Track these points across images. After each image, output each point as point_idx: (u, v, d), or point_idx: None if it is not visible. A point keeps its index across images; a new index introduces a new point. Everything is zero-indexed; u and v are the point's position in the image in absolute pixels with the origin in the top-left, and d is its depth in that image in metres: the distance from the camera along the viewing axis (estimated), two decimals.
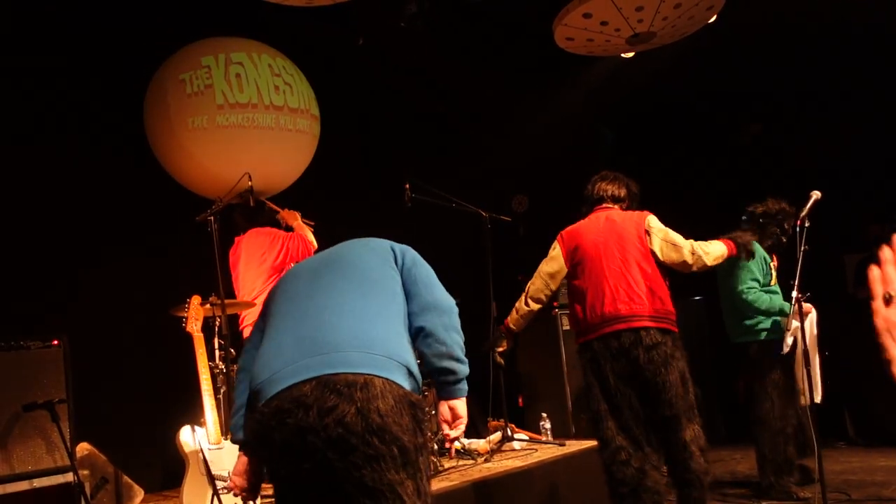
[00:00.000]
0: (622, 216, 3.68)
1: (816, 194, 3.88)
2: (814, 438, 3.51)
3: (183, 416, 3.50)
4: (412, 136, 6.77)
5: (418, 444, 1.85)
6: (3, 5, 4.32)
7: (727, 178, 7.34)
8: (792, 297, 3.90)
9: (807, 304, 4.26)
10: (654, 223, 3.59)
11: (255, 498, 2.18)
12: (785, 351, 4.14)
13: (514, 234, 6.36)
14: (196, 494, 3.11)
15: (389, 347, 1.92)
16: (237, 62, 4.73)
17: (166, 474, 4.41)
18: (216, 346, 3.89)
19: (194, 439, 3.21)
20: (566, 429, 5.51)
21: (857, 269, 6.62)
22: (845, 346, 5.57)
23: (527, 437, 4.99)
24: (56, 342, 3.42)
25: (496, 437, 4.80)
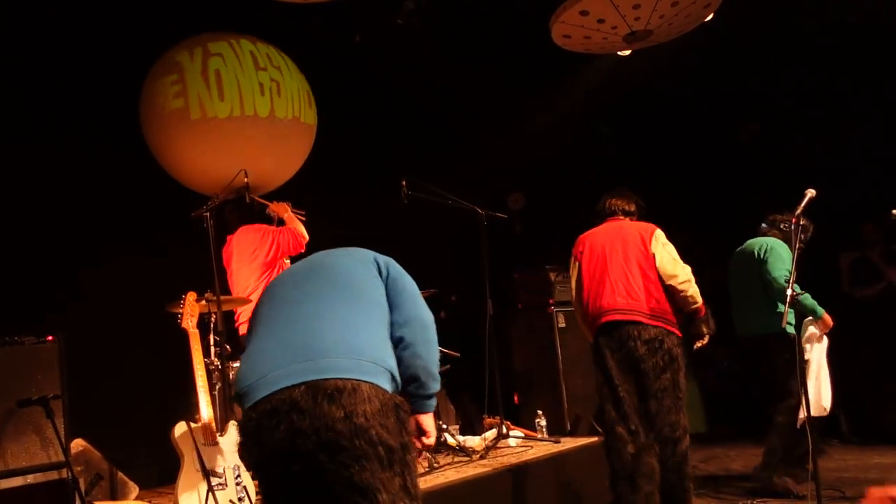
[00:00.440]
0: (630, 224, 4.00)
1: (811, 192, 3.88)
2: (809, 437, 3.52)
3: (178, 413, 3.49)
4: (410, 134, 6.75)
5: (404, 443, 1.94)
6: (3, 5, 4.32)
7: (725, 177, 7.34)
8: (787, 297, 3.89)
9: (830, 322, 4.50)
10: (662, 235, 3.87)
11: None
12: (806, 356, 4.30)
13: (510, 232, 6.36)
14: (191, 490, 3.11)
15: (375, 353, 2.01)
16: (216, 53, 4.57)
17: (161, 470, 4.40)
18: (211, 342, 3.89)
19: (189, 435, 3.21)
20: (561, 426, 5.51)
21: (853, 267, 6.62)
22: (839, 344, 5.58)
23: (522, 435, 5.00)
24: (51, 338, 3.41)
25: (492, 434, 4.80)
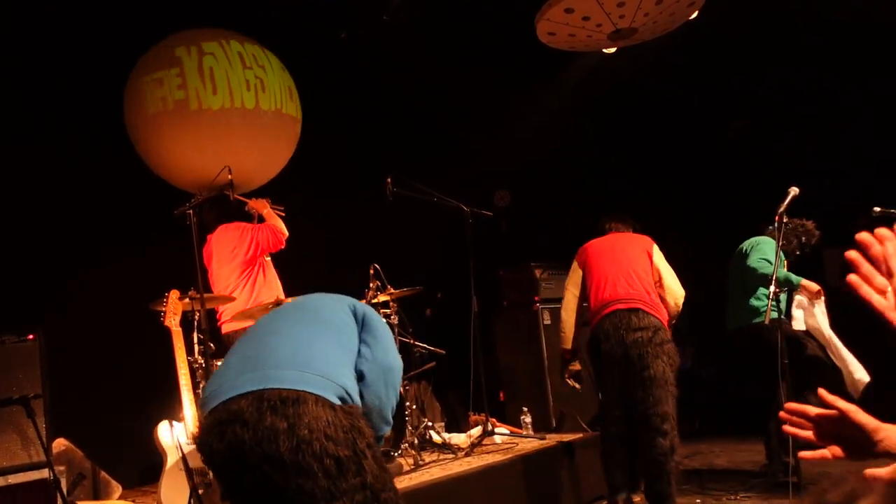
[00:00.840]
0: (631, 234, 4.35)
1: (794, 190, 3.90)
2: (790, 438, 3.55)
3: (161, 411, 3.46)
4: (397, 132, 6.75)
5: (359, 450, 1.93)
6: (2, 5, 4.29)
7: (715, 175, 7.35)
8: (770, 291, 3.91)
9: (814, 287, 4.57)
10: (659, 250, 4.21)
11: None
12: (796, 328, 4.44)
13: (496, 229, 6.36)
14: (174, 489, 3.09)
15: (324, 368, 2.04)
16: (209, 52, 4.64)
17: (144, 469, 4.37)
18: (195, 340, 3.86)
19: (172, 434, 3.19)
20: (547, 423, 5.52)
21: (844, 262, 6.64)
22: None
23: (507, 431, 5.01)
24: (31, 337, 3.37)
25: (477, 431, 4.81)
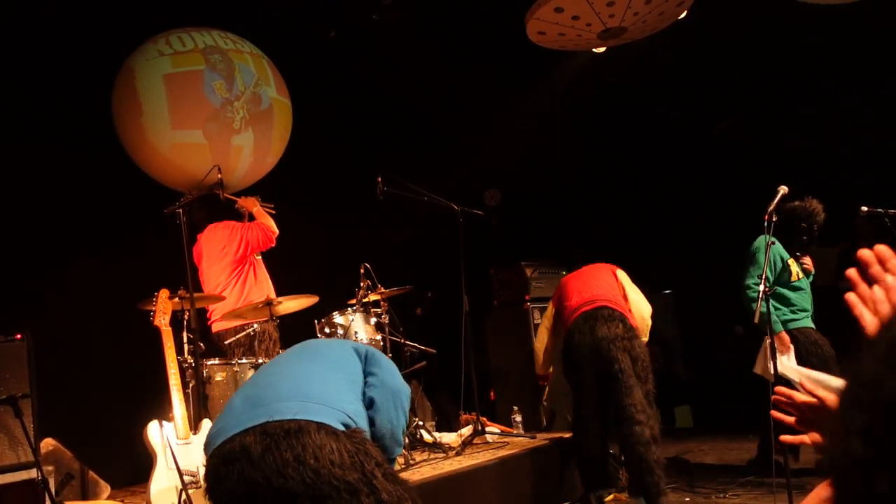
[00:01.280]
0: (597, 264, 4.67)
1: (783, 189, 3.92)
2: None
3: (150, 411, 3.44)
4: (388, 132, 6.74)
5: (367, 471, 1.94)
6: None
7: (709, 174, 7.35)
8: (759, 291, 3.93)
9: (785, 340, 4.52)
10: (623, 272, 4.55)
11: None
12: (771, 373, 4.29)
13: (486, 228, 6.36)
14: (163, 489, 3.07)
15: (325, 397, 2.07)
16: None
17: (133, 469, 4.35)
18: (185, 340, 3.84)
19: (162, 434, 3.17)
20: (537, 421, 5.53)
21: (840, 260, 6.65)
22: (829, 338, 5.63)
23: (498, 431, 5.01)
24: (19, 336, 3.35)
25: (468, 430, 4.81)
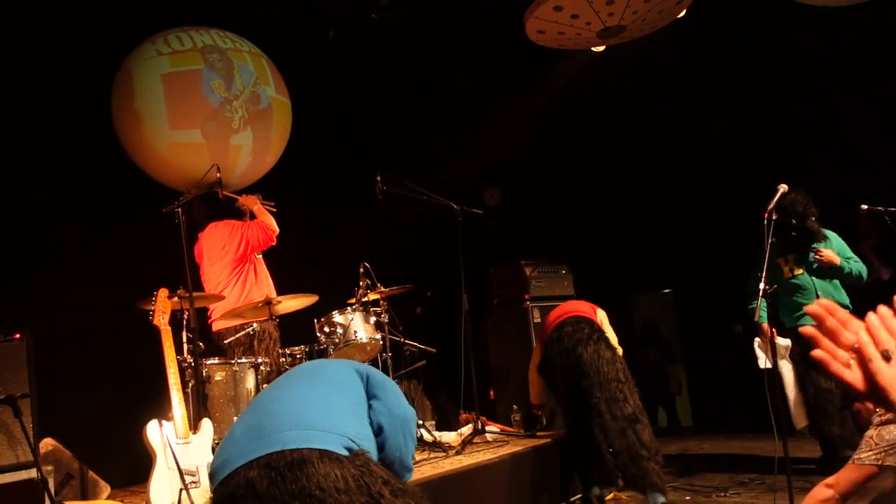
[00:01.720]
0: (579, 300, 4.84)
1: (783, 187, 3.90)
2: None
3: (150, 411, 3.44)
4: (388, 131, 6.75)
5: (374, 493, 1.92)
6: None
7: (707, 174, 7.34)
8: (759, 291, 3.93)
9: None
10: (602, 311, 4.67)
11: None
12: (761, 366, 4.29)
13: (486, 228, 6.36)
14: (163, 489, 3.07)
15: (327, 422, 2.04)
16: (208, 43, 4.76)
17: (133, 469, 4.35)
18: (184, 339, 3.84)
19: (162, 434, 3.17)
20: (537, 420, 5.52)
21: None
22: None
23: (498, 430, 5.01)
24: (18, 336, 3.34)
25: (468, 429, 4.81)
